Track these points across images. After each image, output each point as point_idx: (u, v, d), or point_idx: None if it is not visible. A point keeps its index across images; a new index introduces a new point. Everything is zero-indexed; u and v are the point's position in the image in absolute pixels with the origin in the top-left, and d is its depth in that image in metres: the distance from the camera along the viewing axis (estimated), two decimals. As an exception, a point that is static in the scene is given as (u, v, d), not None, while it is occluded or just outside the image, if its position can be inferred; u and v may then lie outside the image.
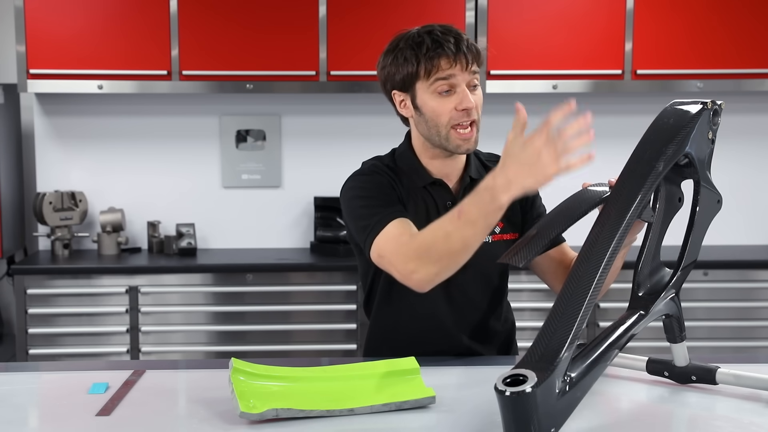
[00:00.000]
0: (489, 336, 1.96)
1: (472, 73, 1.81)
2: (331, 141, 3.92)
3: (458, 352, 1.90)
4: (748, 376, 1.59)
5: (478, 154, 2.01)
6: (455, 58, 1.78)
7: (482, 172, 1.96)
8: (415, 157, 1.91)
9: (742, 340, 3.60)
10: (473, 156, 1.97)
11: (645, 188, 1.45)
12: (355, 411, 1.49)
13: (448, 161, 1.90)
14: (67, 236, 3.74)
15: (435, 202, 1.90)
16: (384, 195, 1.83)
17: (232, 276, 3.53)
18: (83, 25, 3.54)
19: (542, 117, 1.53)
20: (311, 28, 3.56)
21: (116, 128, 3.89)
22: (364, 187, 1.86)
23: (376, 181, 1.86)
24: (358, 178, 1.89)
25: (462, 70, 1.79)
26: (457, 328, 1.91)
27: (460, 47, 1.79)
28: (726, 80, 3.65)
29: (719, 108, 1.55)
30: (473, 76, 1.81)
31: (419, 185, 1.90)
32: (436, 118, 1.81)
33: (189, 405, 1.58)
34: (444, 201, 1.90)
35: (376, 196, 1.82)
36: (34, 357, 3.47)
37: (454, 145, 1.82)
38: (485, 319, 1.95)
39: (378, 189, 1.84)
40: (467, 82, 1.80)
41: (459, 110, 1.79)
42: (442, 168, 1.91)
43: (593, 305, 1.39)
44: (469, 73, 1.80)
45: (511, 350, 2.03)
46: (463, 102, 1.78)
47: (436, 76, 1.79)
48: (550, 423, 1.29)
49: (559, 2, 3.62)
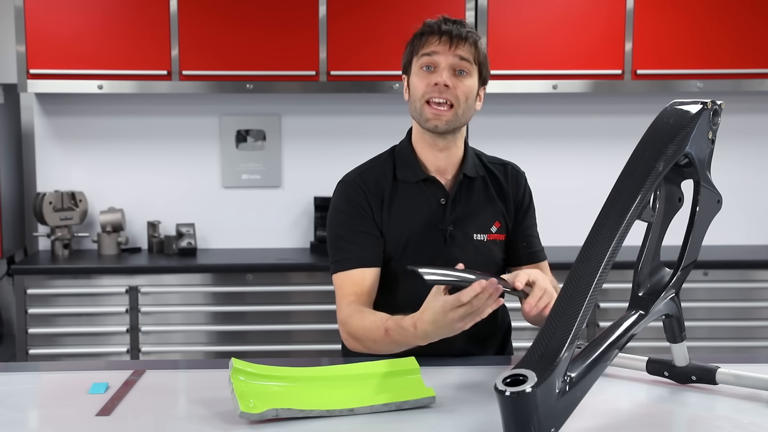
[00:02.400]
0: (484, 337, 1.97)
1: (459, 58, 1.86)
2: (331, 141, 3.92)
3: (453, 353, 1.91)
4: (748, 376, 1.59)
5: (480, 154, 2.02)
6: (440, 37, 1.86)
7: (480, 171, 1.97)
8: (412, 151, 1.96)
9: (742, 340, 3.60)
10: (472, 154, 1.98)
11: (645, 188, 1.45)
12: (355, 411, 1.49)
13: (440, 154, 1.94)
14: (67, 236, 3.74)
15: (428, 198, 1.93)
16: (353, 223, 1.91)
17: (232, 276, 3.53)
18: (83, 25, 3.54)
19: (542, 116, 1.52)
20: (311, 28, 3.57)
21: (116, 128, 3.89)
22: (339, 209, 1.94)
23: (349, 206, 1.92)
24: (338, 196, 1.96)
25: (446, 50, 1.85)
26: None
27: (449, 29, 1.86)
28: (726, 80, 3.65)
29: (719, 108, 1.54)
30: (460, 61, 1.86)
31: (412, 181, 1.93)
32: (414, 92, 1.89)
33: (189, 405, 1.58)
34: (437, 198, 1.93)
35: (346, 224, 1.92)
36: (34, 357, 3.47)
37: (425, 118, 1.88)
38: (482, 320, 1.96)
39: (348, 215, 1.92)
40: (451, 65, 1.85)
41: (432, 85, 1.85)
42: (435, 161, 1.94)
43: (593, 305, 1.39)
44: (453, 56, 1.85)
45: (506, 351, 2.04)
46: (437, 78, 1.84)
47: (422, 52, 1.87)
48: (550, 423, 1.29)
49: (559, 2, 3.62)
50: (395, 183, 1.94)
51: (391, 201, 1.93)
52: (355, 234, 1.91)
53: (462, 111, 1.87)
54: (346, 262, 1.90)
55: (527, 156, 4.00)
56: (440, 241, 1.92)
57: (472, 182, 1.96)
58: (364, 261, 1.89)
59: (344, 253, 1.91)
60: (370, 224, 1.91)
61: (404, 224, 1.92)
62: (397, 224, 1.92)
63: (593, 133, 3.98)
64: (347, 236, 1.91)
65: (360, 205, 1.92)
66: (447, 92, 1.84)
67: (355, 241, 1.90)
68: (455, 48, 1.84)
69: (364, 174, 1.96)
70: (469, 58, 1.86)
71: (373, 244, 1.91)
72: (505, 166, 2.03)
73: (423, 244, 1.90)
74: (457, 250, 1.91)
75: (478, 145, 2.09)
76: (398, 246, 1.91)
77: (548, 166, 3.91)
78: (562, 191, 3.94)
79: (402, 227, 1.91)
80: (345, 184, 1.97)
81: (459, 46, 1.85)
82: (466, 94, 1.86)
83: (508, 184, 1.99)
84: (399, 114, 2.70)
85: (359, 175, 1.97)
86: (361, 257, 1.89)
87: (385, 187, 1.93)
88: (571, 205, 3.87)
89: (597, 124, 3.99)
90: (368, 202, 1.92)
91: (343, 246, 1.91)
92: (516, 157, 2.15)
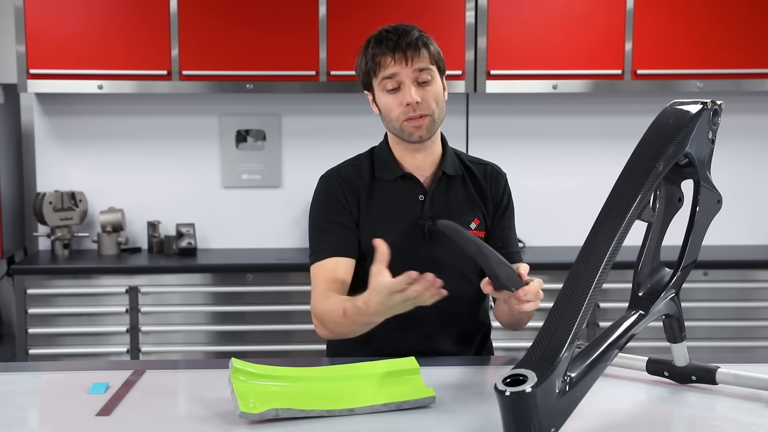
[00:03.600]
0: (464, 336, 1.98)
1: (419, 70, 1.86)
2: (331, 141, 3.92)
3: (432, 351, 1.91)
4: (748, 376, 1.59)
5: (460, 154, 2.04)
6: (394, 55, 1.86)
7: (459, 170, 1.99)
8: (389, 151, 1.99)
9: (742, 340, 3.60)
10: (451, 153, 2.01)
11: (645, 188, 1.45)
12: (355, 411, 1.49)
13: (418, 155, 1.97)
14: (67, 236, 3.74)
15: (405, 195, 1.96)
16: (329, 214, 1.95)
17: (232, 276, 3.53)
18: (83, 25, 3.54)
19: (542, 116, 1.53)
20: (311, 28, 3.57)
21: (116, 128, 3.89)
22: (317, 202, 1.99)
23: (328, 199, 1.96)
24: (317, 191, 2.00)
25: (405, 67, 1.86)
26: (430, 328, 1.93)
27: (399, 44, 1.86)
28: (726, 80, 3.65)
29: (719, 108, 1.54)
30: (420, 72, 1.87)
31: (390, 178, 1.97)
32: (388, 113, 1.91)
33: (189, 405, 1.58)
34: (416, 194, 1.96)
35: (323, 216, 1.96)
36: (34, 357, 3.47)
37: (408, 133, 1.90)
38: (460, 319, 1.97)
39: (325, 207, 1.96)
40: (414, 78, 1.86)
41: (404, 105, 1.87)
42: (412, 161, 1.98)
43: (593, 305, 1.39)
44: (412, 70, 1.86)
45: (485, 351, 2.04)
46: (406, 98, 1.86)
47: (382, 75, 1.89)
48: (550, 423, 1.29)
49: (559, 2, 3.62)
50: (373, 181, 1.97)
51: (369, 198, 1.95)
52: (330, 225, 1.94)
53: (437, 115, 1.91)
54: (321, 252, 1.93)
55: (527, 156, 4.01)
56: (419, 237, 1.93)
57: (450, 180, 1.98)
58: (338, 251, 1.92)
59: (320, 243, 1.94)
60: (346, 216, 1.94)
61: (383, 221, 1.93)
62: (375, 221, 1.94)
63: (593, 133, 3.98)
64: (324, 227, 1.95)
65: (337, 198, 1.95)
66: (419, 107, 1.87)
67: (331, 232, 1.93)
68: (412, 62, 1.86)
69: (341, 170, 2.00)
70: (427, 65, 1.88)
71: (347, 235, 1.93)
72: (485, 166, 2.05)
73: (402, 240, 1.90)
74: (436, 246, 1.92)
75: (479, 145, 2.10)
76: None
77: (548, 166, 3.91)
78: (562, 191, 3.94)
79: (380, 224, 1.93)
80: (323, 179, 2.01)
81: (414, 58, 1.86)
82: (436, 99, 1.89)
83: (487, 183, 2.01)
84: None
85: (337, 170, 2.01)
86: (336, 247, 1.92)
87: (362, 185, 1.96)
88: (571, 205, 3.87)
89: (597, 124, 3.99)
90: (345, 195, 1.95)
91: (319, 237, 1.95)
92: (516, 157, 2.15)
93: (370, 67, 1.90)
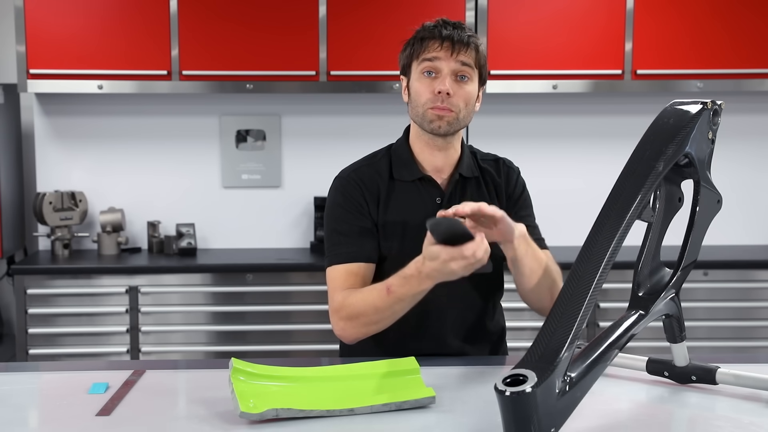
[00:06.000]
0: (480, 337, 1.97)
1: (461, 64, 1.85)
2: (331, 141, 3.92)
3: (448, 352, 1.91)
4: (748, 376, 1.59)
5: (476, 152, 2.02)
6: (442, 42, 1.85)
7: (475, 171, 1.97)
8: (408, 149, 1.96)
9: (742, 340, 3.60)
10: (468, 153, 1.99)
11: (645, 188, 1.45)
12: (355, 411, 1.49)
13: (438, 154, 1.94)
14: (67, 236, 3.74)
15: (423, 197, 1.94)
16: (349, 217, 1.91)
17: (232, 276, 3.53)
18: (83, 25, 3.54)
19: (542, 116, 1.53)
20: (311, 28, 3.57)
21: (116, 128, 3.89)
22: (336, 203, 1.95)
23: (346, 201, 1.93)
24: (334, 191, 1.97)
25: (448, 56, 1.85)
26: (447, 329, 1.93)
27: (451, 34, 1.85)
28: (726, 80, 3.65)
29: (719, 108, 1.54)
30: (462, 67, 1.85)
31: (408, 179, 1.94)
32: (417, 97, 1.89)
33: (189, 405, 1.58)
34: (433, 197, 1.94)
35: (342, 218, 1.92)
36: (34, 357, 3.47)
37: (428, 120, 1.87)
38: (477, 319, 1.96)
39: (345, 209, 1.92)
40: (453, 70, 1.85)
41: (435, 93, 1.85)
42: (433, 161, 1.94)
43: (593, 305, 1.39)
44: (455, 61, 1.85)
45: (500, 351, 2.04)
46: (439, 85, 1.84)
47: (423, 57, 1.87)
48: (550, 423, 1.29)
49: (559, 2, 3.62)
50: (392, 182, 1.95)
51: (388, 199, 1.93)
52: (351, 228, 1.91)
53: (463, 115, 1.88)
54: (341, 255, 1.89)
55: (527, 156, 4.00)
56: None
57: (467, 182, 1.96)
58: (359, 256, 1.89)
59: (340, 247, 1.91)
60: (367, 219, 1.92)
61: (400, 223, 1.92)
62: (393, 223, 1.92)
63: (593, 133, 3.98)
64: (344, 230, 1.91)
65: (356, 200, 1.93)
66: (448, 100, 1.84)
67: (351, 236, 1.90)
68: (457, 54, 1.84)
69: (360, 170, 1.97)
70: (470, 63, 1.86)
71: (369, 240, 1.91)
72: (498, 162, 2.03)
73: (419, 242, 1.90)
74: None
75: (479, 145, 2.10)
76: (394, 244, 1.91)
77: (548, 166, 3.91)
78: (562, 191, 3.94)
79: (398, 226, 1.92)
80: (341, 179, 1.97)
81: (461, 51, 1.84)
82: (467, 101, 1.87)
83: (501, 178, 2.00)
84: (398, 114, 2.70)
85: (355, 171, 1.97)
86: (357, 252, 1.89)
87: (382, 186, 1.94)
88: (571, 205, 3.87)
89: (597, 124, 3.99)
90: (364, 197, 1.93)
91: (339, 240, 1.91)
92: (516, 158, 2.15)
93: (415, 48, 1.88)
